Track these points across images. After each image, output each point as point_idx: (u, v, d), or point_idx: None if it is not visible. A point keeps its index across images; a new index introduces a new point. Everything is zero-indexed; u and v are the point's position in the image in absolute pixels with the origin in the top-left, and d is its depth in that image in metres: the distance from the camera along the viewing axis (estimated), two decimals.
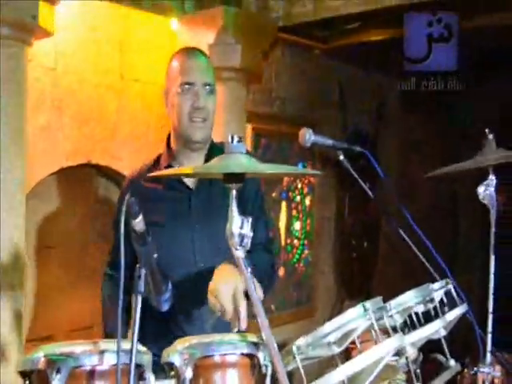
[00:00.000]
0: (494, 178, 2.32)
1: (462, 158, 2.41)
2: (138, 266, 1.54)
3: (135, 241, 1.54)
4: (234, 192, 1.58)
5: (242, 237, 1.56)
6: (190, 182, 2.47)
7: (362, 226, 5.39)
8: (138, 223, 1.52)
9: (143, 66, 4.06)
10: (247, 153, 1.60)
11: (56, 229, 3.85)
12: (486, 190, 2.32)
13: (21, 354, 2.86)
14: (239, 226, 1.56)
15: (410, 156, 5.97)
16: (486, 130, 2.34)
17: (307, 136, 2.55)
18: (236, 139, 1.57)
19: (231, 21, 3.75)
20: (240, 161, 1.54)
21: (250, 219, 1.57)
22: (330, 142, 2.59)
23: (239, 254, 1.56)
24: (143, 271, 1.53)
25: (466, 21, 4.10)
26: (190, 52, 2.56)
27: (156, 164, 2.58)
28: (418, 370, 2.27)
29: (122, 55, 3.93)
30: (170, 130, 2.59)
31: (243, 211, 2.42)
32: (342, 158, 2.59)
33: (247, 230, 1.56)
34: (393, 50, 4.39)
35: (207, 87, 2.43)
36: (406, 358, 2.17)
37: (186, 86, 2.40)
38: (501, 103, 6.23)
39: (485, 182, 2.33)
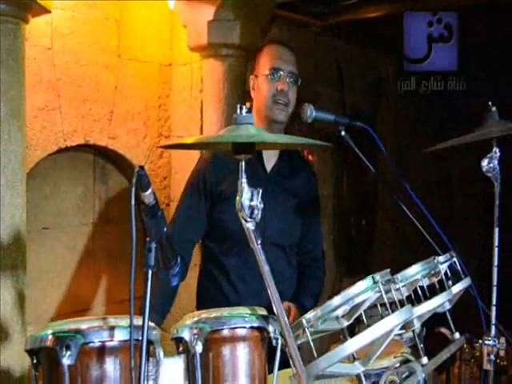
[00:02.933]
0: (497, 150, 2.31)
1: (461, 134, 2.40)
2: (147, 239, 1.53)
3: (144, 213, 1.52)
4: (244, 164, 1.56)
5: (252, 209, 1.55)
6: (268, 164, 2.71)
7: (360, 204, 5.39)
8: (148, 196, 1.50)
9: (141, 45, 4.03)
10: None
11: (54, 210, 3.83)
12: (490, 163, 2.31)
13: (24, 333, 2.85)
14: (249, 198, 1.55)
15: (409, 134, 5.95)
16: (489, 103, 2.32)
17: (309, 112, 2.53)
18: (245, 110, 1.55)
19: None
20: (249, 131, 1.53)
21: (260, 191, 1.56)
22: (331, 117, 2.57)
23: (249, 225, 1.55)
24: (153, 245, 1.52)
25: None
26: (281, 43, 2.82)
27: None
28: (422, 345, 2.27)
29: (119, 34, 3.90)
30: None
31: (300, 209, 2.69)
32: (343, 133, 2.57)
33: (257, 202, 1.55)
34: (391, 26, 4.36)
35: (292, 76, 2.67)
36: (413, 332, 2.17)
37: (275, 71, 2.65)
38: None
39: (488, 155, 2.31)
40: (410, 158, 5.62)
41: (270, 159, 2.70)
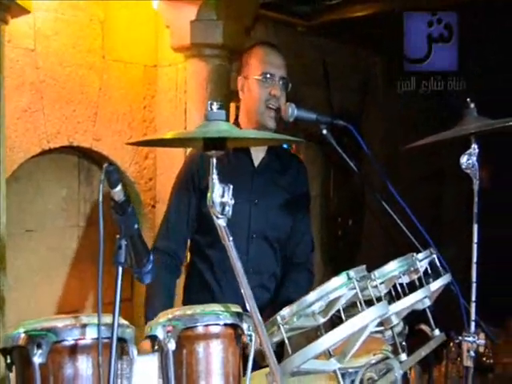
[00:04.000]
0: (476, 147, 2.30)
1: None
2: (117, 236, 1.52)
3: (114, 210, 1.51)
4: (215, 160, 1.56)
5: (223, 205, 1.55)
6: (256, 160, 2.71)
7: (347, 204, 5.39)
8: (118, 192, 1.49)
9: (125, 46, 4.02)
10: None
11: (38, 212, 3.81)
12: (469, 160, 2.30)
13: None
14: (220, 195, 1.55)
15: (395, 132, 5.95)
16: (468, 99, 2.31)
17: (290, 110, 2.54)
18: (216, 106, 1.55)
19: None
20: (221, 127, 1.53)
21: (231, 187, 1.55)
22: (313, 116, 2.56)
23: (221, 222, 1.55)
24: (124, 242, 1.51)
25: None
26: (271, 46, 2.81)
27: None
28: (404, 343, 2.27)
29: (103, 35, 3.89)
30: (238, 112, 2.88)
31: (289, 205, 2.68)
32: (325, 132, 2.57)
33: (228, 199, 1.54)
34: (378, 25, 4.36)
35: (283, 81, 2.67)
36: (392, 330, 2.17)
37: (268, 76, 2.64)
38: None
39: (467, 152, 2.30)
40: (401, 154, 5.62)
41: (258, 155, 2.71)
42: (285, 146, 4.56)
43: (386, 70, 5.56)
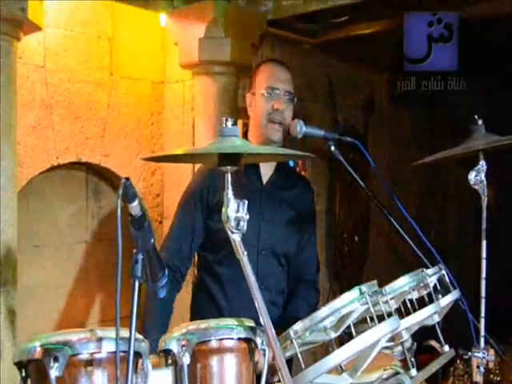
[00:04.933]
0: (484, 163, 2.32)
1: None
2: (134, 251, 1.54)
3: (131, 225, 1.53)
4: (229, 176, 1.58)
5: (237, 220, 1.57)
6: (264, 177, 2.73)
7: (353, 221, 5.40)
8: (135, 207, 1.51)
9: (133, 63, 4.06)
10: None
11: (46, 228, 3.83)
12: (477, 176, 2.32)
13: (15, 350, 2.84)
14: (235, 210, 1.57)
15: (401, 150, 5.98)
16: (475, 116, 2.34)
17: (298, 127, 2.57)
18: (230, 122, 1.57)
19: (221, 14, 3.75)
20: (234, 143, 1.55)
21: (246, 202, 1.57)
22: (321, 132, 2.59)
23: (235, 237, 1.57)
24: (140, 256, 1.53)
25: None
26: (278, 62, 2.85)
27: None
28: (413, 359, 2.28)
29: (111, 52, 3.92)
30: (245, 129, 2.89)
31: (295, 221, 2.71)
32: (333, 148, 2.60)
33: (243, 213, 1.56)
34: (383, 43, 4.39)
35: (288, 95, 2.69)
36: (402, 345, 2.18)
37: (271, 90, 2.67)
38: (487, 97, 6.28)
39: (475, 168, 2.32)
40: (406, 172, 5.64)
41: (266, 172, 2.73)
42: (291, 163, 4.62)
43: (391, 87, 5.59)
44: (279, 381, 1.70)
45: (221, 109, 3.83)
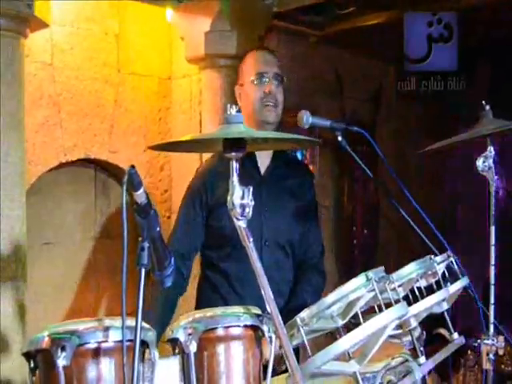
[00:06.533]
0: (492, 149, 2.31)
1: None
2: (139, 239, 1.54)
3: (137, 213, 1.53)
4: (235, 163, 1.58)
5: (243, 207, 1.57)
6: (262, 166, 2.73)
7: (361, 213, 5.38)
8: (140, 195, 1.51)
9: (140, 59, 4.07)
10: None
11: (55, 225, 3.85)
12: (485, 162, 2.31)
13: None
14: (240, 197, 1.57)
15: (408, 142, 5.95)
16: (483, 102, 2.32)
17: (305, 118, 2.55)
18: (234, 109, 1.58)
19: (226, 7, 3.77)
20: (239, 129, 1.55)
21: (251, 188, 1.57)
22: (327, 122, 2.58)
23: (241, 223, 1.57)
24: (146, 244, 1.53)
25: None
26: (261, 49, 2.92)
27: None
28: (422, 348, 2.27)
29: (118, 49, 3.94)
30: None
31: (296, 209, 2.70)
32: (340, 138, 2.58)
33: (248, 200, 1.56)
34: (390, 33, 4.37)
35: (277, 77, 2.71)
36: (411, 334, 2.17)
37: (260, 76, 2.68)
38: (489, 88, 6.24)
39: (483, 154, 2.31)
40: (414, 165, 5.61)
41: (263, 162, 2.73)
42: (298, 155, 4.61)
43: (398, 79, 5.56)
44: (286, 369, 1.70)
45: (227, 102, 3.79)
